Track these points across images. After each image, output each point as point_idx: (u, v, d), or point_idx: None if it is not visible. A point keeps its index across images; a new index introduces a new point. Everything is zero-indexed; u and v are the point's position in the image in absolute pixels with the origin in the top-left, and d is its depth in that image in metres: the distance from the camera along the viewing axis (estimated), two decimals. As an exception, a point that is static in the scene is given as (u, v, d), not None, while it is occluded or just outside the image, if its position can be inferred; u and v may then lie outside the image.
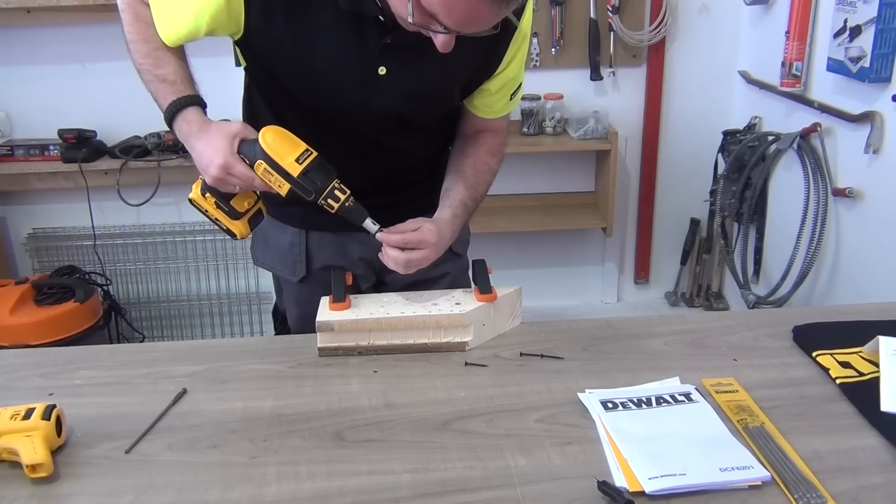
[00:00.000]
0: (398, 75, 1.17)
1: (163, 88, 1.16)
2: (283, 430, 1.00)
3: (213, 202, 1.19)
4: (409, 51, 1.10)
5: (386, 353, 1.19)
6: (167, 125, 1.16)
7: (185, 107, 1.14)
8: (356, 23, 1.12)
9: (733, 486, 0.88)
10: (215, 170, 1.10)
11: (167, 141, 2.72)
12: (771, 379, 1.10)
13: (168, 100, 1.15)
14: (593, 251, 3.29)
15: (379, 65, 1.15)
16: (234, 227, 1.20)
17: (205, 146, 1.11)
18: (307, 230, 1.39)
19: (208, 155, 1.10)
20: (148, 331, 3.14)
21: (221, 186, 1.13)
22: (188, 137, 1.14)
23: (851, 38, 2.15)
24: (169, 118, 1.15)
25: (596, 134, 2.85)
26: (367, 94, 1.18)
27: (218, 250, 3.06)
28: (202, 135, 1.12)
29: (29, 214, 3.02)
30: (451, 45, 1.03)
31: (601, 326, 1.27)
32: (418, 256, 1.18)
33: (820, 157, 2.41)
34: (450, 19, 0.98)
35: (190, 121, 1.14)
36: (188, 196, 1.21)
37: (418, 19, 1.00)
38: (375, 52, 1.14)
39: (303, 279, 1.40)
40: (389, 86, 1.17)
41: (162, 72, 1.17)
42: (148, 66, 1.18)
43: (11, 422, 0.93)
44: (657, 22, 2.87)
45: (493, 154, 1.36)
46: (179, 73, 1.17)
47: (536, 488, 0.89)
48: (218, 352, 1.22)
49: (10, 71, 2.82)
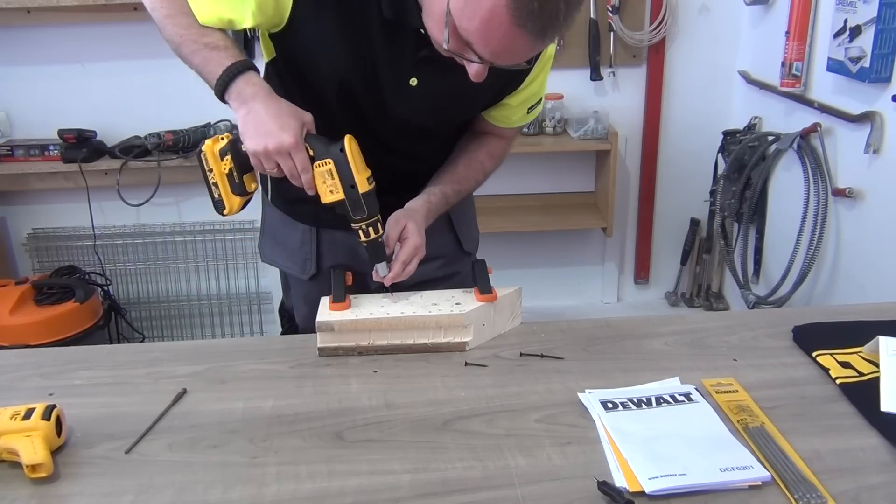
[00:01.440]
0: (428, 87, 1.17)
1: (214, 55, 1.11)
2: (283, 430, 1.00)
3: (226, 167, 1.13)
4: (442, 65, 1.08)
5: (386, 353, 1.19)
6: (219, 90, 1.10)
7: (247, 69, 1.10)
8: (395, 32, 1.11)
9: (733, 486, 0.88)
10: (276, 144, 1.06)
11: (167, 141, 2.72)
12: (771, 379, 1.10)
13: (223, 63, 1.09)
14: (593, 251, 3.29)
15: (412, 76, 1.15)
16: (230, 201, 1.16)
17: (272, 117, 1.07)
18: (318, 228, 1.38)
19: (272, 127, 1.06)
20: (148, 331, 3.14)
21: (263, 161, 1.09)
22: (251, 99, 1.08)
23: (851, 38, 2.15)
24: (227, 79, 1.09)
25: (596, 134, 2.86)
26: (396, 103, 1.18)
27: (218, 250, 3.06)
28: (271, 103, 1.08)
29: (29, 214, 3.02)
30: (484, 74, 1.02)
31: (601, 326, 1.27)
32: (414, 266, 1.22)
33: (820, 157, 2.41)
34: (486, 50, 0.97)
35: (255, 83, 1.10)
36: (201, 146, 1.14)
37: (453, 46, 0.99)
38: (410, 63, 1.14)
39: (313, 277, 1.40)
40: (418, 97, 1.18)
41: (209, 39, 1.12)
42: (193, 36, 1.12)
43: (11, 422, 0.93)
44: (657, 22, 2.87)
45: (491, 156, 1.36)
46: (228, 40, 1.13)
47: (536, 488, 0.89)
48: (218, 352, 1.22)
49: (10, 71, 2.82)
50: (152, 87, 2.83)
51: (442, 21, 0.98)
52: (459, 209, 1.44)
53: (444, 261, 1.42)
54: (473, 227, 1.52)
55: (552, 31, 0.95)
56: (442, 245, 1.42)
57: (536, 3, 0.90)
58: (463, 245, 1.46)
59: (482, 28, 0.94)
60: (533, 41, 0.95)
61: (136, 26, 2.67)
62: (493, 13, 0.92)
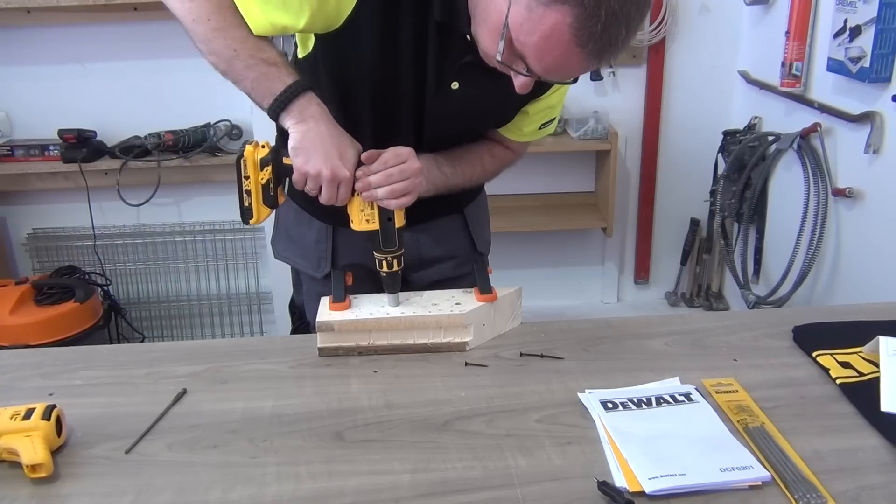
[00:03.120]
0: (468, 92, 1.17)
1: (273, 71, 1.10)
2: (283, 430, 1.00)
3: (264, 178, 1.12)
4: (485, 71, 1.08)
5: (386, 353, 1.19)
6: (279, 106, 1.09)
7: (309, 90, 1.10)
8: (444, 35, 1.12)
9: (733, 486, 0.88)
10: (331, 172, 1.07)
11: (167, 141, 2.72)
12: (771, 379, 1.10)
13: (285, 81, 1.09)
14: (593, 251, 3.29)
15: (454, 80, 1.16)
16: (259, 211, 1.15)
17: (334, 144, 1.08)
18: (334, 226, 1.38)
19: (332, 152, 1.08)
20: (148, 331, 3.14)
21: (308, 181, 1.10)
22: (312, 118, 1.09)
23: (851, 38, 2.15)
24: (290, 97, 1.09)
25: (596, 134, 2.86)
26: (435, 106, 1.18)
27: (218, 250, 3.06)
28: (332, 128, 1.09)
29: (29, 214, 3.02)
30: (530, 87, 1.02)
31: (601, 326, 1.27)
32: (401, 186, 1.13)
33: (820, 158, 2.41)
34: (539, 65, 0.97)
35: (319, 105, 1.10)
36: (240, 152, 1.13)
37: (506, 58, 0.99)
38: (454, 68, 1.14)
39: (327, 275, 1.40)
40: (457, 101, 1.18)
41: (266, 55, 1.10)
42: (248, 51, 1.10)
43: (11, 422, 0.93)
44: (657, 22, 2.87)
45: (493, 156, 1.36)
46: (284, 58, 1.13)
47: (536, 488, 0.89)
48: (218, 352, 1.22)
49: (10, 71, 2.82)
50: (152, 87, 2.84)
51: (498, 32, 0.97)
52: (475, 210, 1.45)
53: (457, 261, 1.42)
54: (487, 228, 1.53)
55: (609, 54, 0.95)
56: (457, 245, 1.42)
57: (600, 25, 0.90)
58: (477, 246, 1.46)
59: (540, 44, 0.94)
60: (589, 62, 0.95)
61: (136, 26, 2.66)
62: (555, 31, 0.91)
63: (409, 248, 1.30)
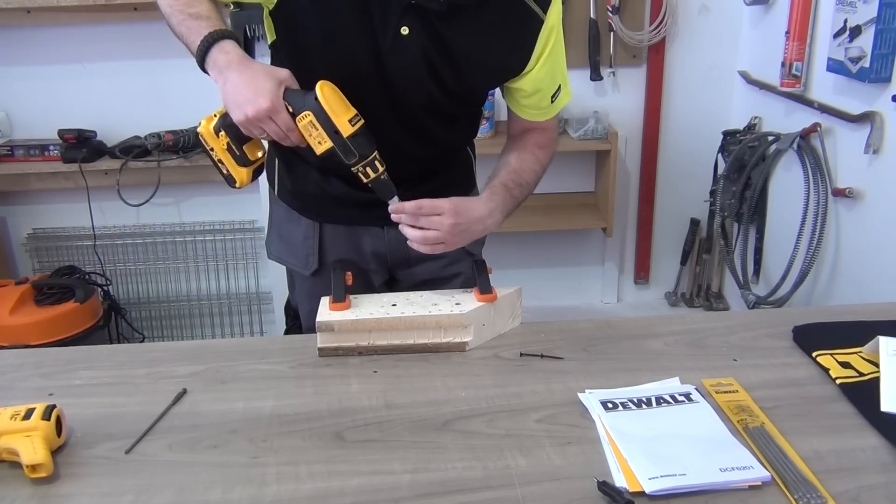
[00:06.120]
0: (420, 38, 1.16)
1: (196, 25, 1.11)
2: (283, 430, 1.00)
3: (224, 142, 1.13)
4: (432, 14, 1.11)
5: (386, 353, 1.19)
6: (199, 61, 1.11)
7: (222, 38, 1.10)
8: None
9: (733, 486, 0.88)
10: (254, 111, 1.06)
11: (167, 141, 2.72)
12: (771, 379, 1.10)
13: (202, 33, 1.09)
14: (593, 251, 3.29)
15: (402, 24, 1.15)
16: (238, 173, 1.16)
17: (246, 83, 1.07)
18: (321, 223, 1.38)
19: (248, 94, 1.06)
20: (148, 331, 3.14)
21: (250, 129, 1.09)
22: (224, 68, 1.08)
23: (851, 39, 2.15)
24: (203, 50, 1.09)
25: (596, 134, 2.86)
26: (390, 52, 1.17)
27: (218, 250, 3.06)
28: (244, 69, 1.08)
29: (29, 214, 3.02)
30: None
31: (601, 326, 1.27)
32: (433, 235, 1.18)
33: (820, 158, 2.41)
34: None
35: (228, 51, 1.09)
36: (197, 129, 1.16)
37: None
38: (398, 11, 1.13)
39: (315, 272, 1.40)
40: (412, 48, 1.16)
41: (195, 10, 1.13)
42: (179, 7, 1.13)
43: (11, 422, 0.93)
44: (657, 22, 2.87)
45: (540, 147, 1.36)
46: (214, 12, 1.14)
47: (536, 488, 0.89)
48: (218, 352, 1.22)
49: (10, 71, 2.82)
50: (152, 87, 2.83)
51: None
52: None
53: (446, 261, 1.42)
54: None
55: None
56: None
57: None
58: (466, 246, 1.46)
59: None
60: None
61: (136, 26, 2.66)
62: None
63: (397, 246, 1.29)
